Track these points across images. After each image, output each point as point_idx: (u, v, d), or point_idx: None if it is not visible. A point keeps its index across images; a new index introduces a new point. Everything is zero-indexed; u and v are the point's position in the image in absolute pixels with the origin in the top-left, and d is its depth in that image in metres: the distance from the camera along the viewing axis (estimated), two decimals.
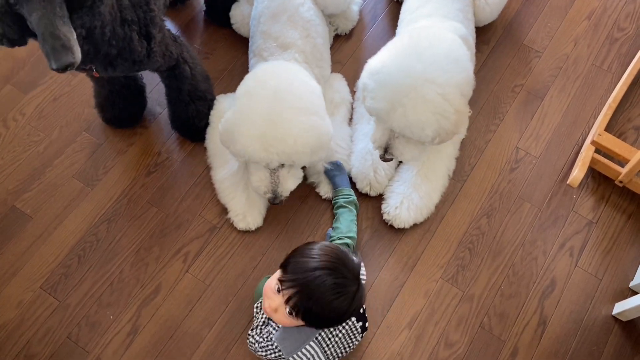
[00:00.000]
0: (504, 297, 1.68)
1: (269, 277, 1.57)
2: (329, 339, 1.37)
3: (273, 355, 1.38)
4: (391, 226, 1.74)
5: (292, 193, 1.66)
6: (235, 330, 1.61)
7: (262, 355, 1.41)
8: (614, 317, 1.66)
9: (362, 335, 1.45)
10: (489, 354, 1.61)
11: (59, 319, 1.62)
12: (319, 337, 1.35)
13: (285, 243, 1.73)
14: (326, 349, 1.37)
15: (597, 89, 1.99)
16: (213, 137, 1.79)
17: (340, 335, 1.38)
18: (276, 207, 1.67)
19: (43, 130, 1.87)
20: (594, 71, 2.02)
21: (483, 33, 2.05)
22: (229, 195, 1.72)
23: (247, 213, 1.69)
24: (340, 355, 1.42)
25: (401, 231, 1.75)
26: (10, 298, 1.64)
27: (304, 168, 1.67)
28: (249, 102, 1.53)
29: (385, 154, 1.63)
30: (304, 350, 1.35)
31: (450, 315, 1.65)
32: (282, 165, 1.57)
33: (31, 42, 2.02)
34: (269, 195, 1.60)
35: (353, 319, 1.39)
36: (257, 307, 1.45)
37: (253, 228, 1.72)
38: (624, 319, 1.65)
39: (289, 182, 1.60)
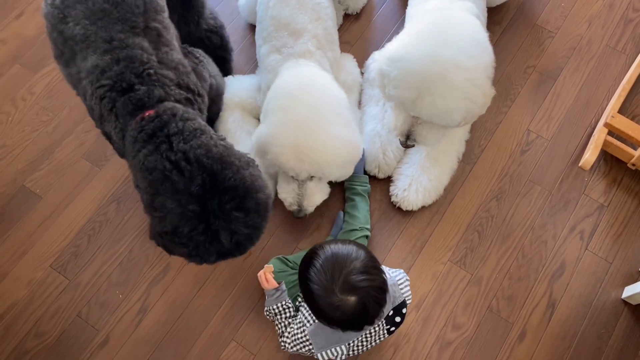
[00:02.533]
0: (513, 280, 1.67)
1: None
2: (358, 347, 1.39)
3: (305, 349, 1.39)
4: (399, 208, 1.73)
5: None
6: (244, 309, 1.62)
7: (293, 351, 1.41)
8: (623, 300, 1.65)
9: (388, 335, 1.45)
10: (496, 337, 1.61)
11: (69, 297, 1.63)
12: (351, 344, 1.37)
13: (293, 224, 1.73)
14: (351, 351, 1.39)
15: (610, 71, 1.95)
16: (223, 118, 1.78)
17: (371, 343, 1.40)
18: None
19: (52, 110, 1.87)
20: (607, 52, 1.98)
21: (495, 13, 2.01)
22: None
23: None
24: (362, 352, 1.45)
25: (409, 213, 1.74)
26: (21, 277, 1.66)
27: (330, 183, 1.66)
28: (284, 115, 1.52)
29: (408, 141, 1.61)
30: (332, 349, 1.37)
31: (458, 297, 1.65)
32: (311, 178, 1.56)
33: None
34: (294, 207, 1.60)
35: (386, 326, 1.39)
36: (270, 312, 1.45)
37: None
38: (633, 303, 1.64)
39: (316, 196, 1.60)
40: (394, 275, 1.41)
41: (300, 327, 1.38)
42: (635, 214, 1.76)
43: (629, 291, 1.63)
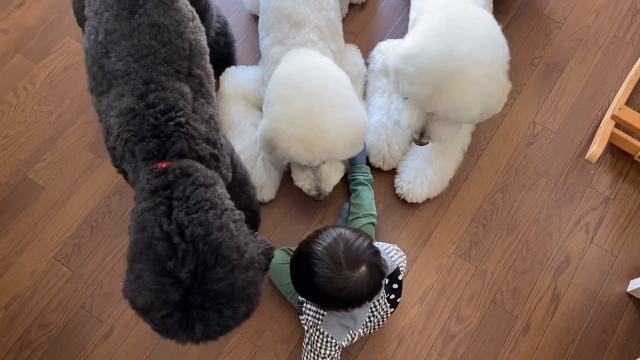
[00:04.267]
0: (517, 273, 1.67)
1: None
2: (367, 324, 1.42)
3: (333, 347, 1.40)
4: (404, 201, 1.72)
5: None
6: None
7: (327, 354, 1.42)
8: (628, 294, 1.65)
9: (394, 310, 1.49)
10: (500, 329, 1.61)
11: (73, 289, 1.63)
12: (363, 326, 1.41)
13: (297, 216, 1.72)
14: (364, 329, 1.43)
15: (618, 62, 1.93)
16: (225, 109, 1.76)
17: (377, 317, 1.43)
18: (290, 179, 1.66)
19: (54, 100, 1.86)
20: (615, 43, 1.96)
21: (502, 3, 1.99)
22: (247, 165, 1.69)
23: (263, 185, 1.68)
24: (374, 329, 1.49)
25: (414, 206, 1.73)
26: (24, 268, 1.65)
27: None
28: (284, 107, 1.51)
29: (422, 138, 1.59)
30: (351, 332, 1.39)
31: (462, 290, 1.65)
32: (324, 162, 1.56)
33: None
34: (313, 192, 1.60)
35: (385, 294, 1.42)
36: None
37: (266, 201, 1.71)
38: (638, 296, 1.63)
39: (332, 177, 1.60)
40: (380, 246, 1.44)
41: (317, 331, 1.38)
42: None
43: (634, 285, 1.62)
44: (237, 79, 1.79)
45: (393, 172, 1.76)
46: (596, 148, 1.71)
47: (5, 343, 1.57)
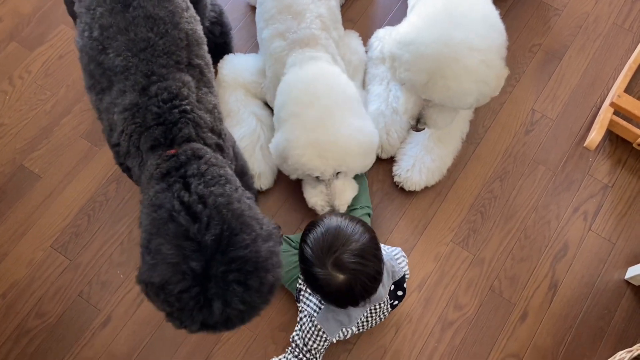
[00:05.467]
0: (515, 261, 1.67)
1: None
2: (364, 323, 1.41)
3: (321, 341, 1.39)
4: (402, 189, 1.72)
5: None
6: None
7: (314, 347, 1.41)
8: (626, 281, 1.65)
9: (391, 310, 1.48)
10: (498, 317, 1.61)
11: (70, 277, 1.63)
12: (358, 323, 1.39)
13: (294, 205, 1.71)
14: (359, 328, 1.42)
15: (617, 49, 1.92)
16: (224, 97, 1.75)
17: (375, 319, 1.43)
18: None
19: (49, 89, 1.85)
20: (614, 30, 1.95)
21: None
22: (246, 153, 1.69)
23: (261, 173, 1.68)
24: (369, 328, 1.48)
25: (412, 194, 1.73)
26: (21, 257, 1.65)
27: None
28: (297, 120, 1.50)
29: (418, 124, 1.58)
30: (344, 329, 1.38)
31: (460, 278, 1.64)
32: (337, 177, 1.54)
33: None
34: (327, 210, 1.58)
35: (389, 301, 1.41)
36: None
37: (263, 189, 1.70)
38: (636, 283, 1.64)
39: (346, 193, 1.57)
40: (389, 251, 1.43)
41: (309, 320, 1.38)
42: (639, 194, 1.74)
43: (632, 272, 1.62)
44: (236, 67, 1.78)
45: (391, 160, 1.75)
46: (595, 135, 1.71)
47: (2, 331, 1.57)
